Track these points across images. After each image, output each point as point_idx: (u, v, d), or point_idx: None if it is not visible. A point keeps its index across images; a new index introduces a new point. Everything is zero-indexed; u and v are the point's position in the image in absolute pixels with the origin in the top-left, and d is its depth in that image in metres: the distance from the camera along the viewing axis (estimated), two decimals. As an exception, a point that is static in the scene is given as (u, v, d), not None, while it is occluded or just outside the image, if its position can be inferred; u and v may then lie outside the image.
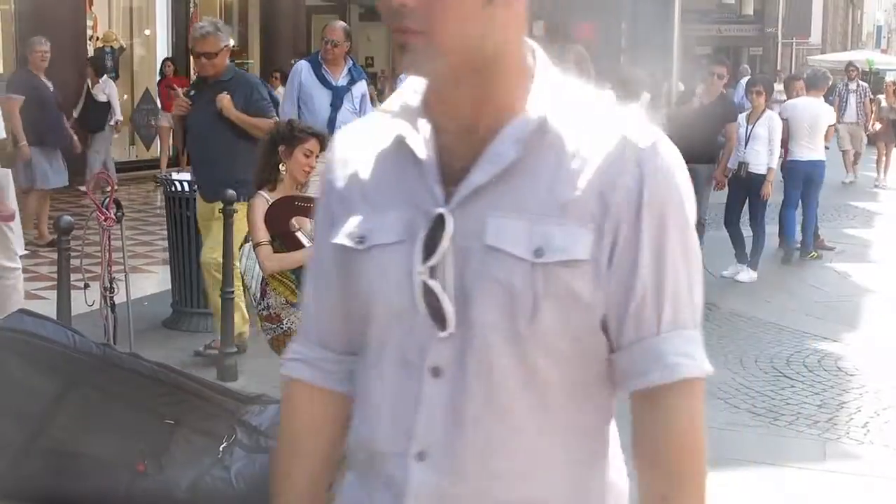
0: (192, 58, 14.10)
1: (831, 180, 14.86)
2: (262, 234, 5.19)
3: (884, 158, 19.12)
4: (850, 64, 21.13)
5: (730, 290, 9.78)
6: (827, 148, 11.81)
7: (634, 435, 1.65)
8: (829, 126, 11.40)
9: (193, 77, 13.02)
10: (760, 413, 6.28)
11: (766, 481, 5.29)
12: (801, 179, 11.05)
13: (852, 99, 19.05)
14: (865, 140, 19.45)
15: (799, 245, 11.43)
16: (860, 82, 20.01)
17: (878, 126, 19.34)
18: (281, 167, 5.31)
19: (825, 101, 12.05)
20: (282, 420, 1.92)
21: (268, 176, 5.34)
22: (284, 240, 5.22)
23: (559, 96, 1.62)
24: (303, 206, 5.24)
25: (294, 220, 5.27)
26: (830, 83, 13.79)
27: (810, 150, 11.03)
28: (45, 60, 10.70)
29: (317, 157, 5.43)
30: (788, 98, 11.87)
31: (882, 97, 20.14)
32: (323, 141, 5.46)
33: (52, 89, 10.81)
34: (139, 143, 17.17)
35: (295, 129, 5.33)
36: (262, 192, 5.31)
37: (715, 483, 5.12)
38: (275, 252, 5.20)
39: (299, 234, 5.28)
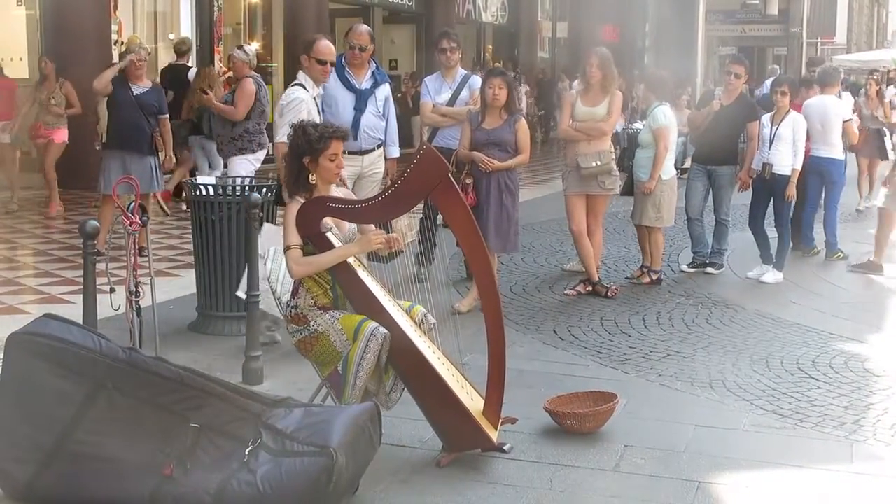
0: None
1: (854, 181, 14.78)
2: (294, 238, 5.21)
3: (866, 177, 15.69)
4: (811, 61, 17.61)
5: (755, 291, 9.75)
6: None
7: None
8: (846, 122, 11.30)
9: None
10: (787, 415, 6.25)
11: (793, 483, 5.26)
12: (816, 177, 11.08)
13: None
14: None
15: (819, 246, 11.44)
16: None
17: None
18: (311, 177, 5.32)
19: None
20: None
21: (300, 186, 5.35)
22: (315, 241, 5.24)
23: None
24: (335, 208, 5.26)
25: (326, 220, 5.29)
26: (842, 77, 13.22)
27: (824, 148, 11.08)
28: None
29: (343, 153, 5.45)
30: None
31: (862, 100, 15.87)
32: (344, 136, 5.47)
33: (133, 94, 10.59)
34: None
35: (313, 141, 5.31)
36: (297, 198, 5.32)
37: (741, 484, 5.12)
38: (305, 255, 5.23)
39: (330, 235, 5.30)
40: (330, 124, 5.58)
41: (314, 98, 7.48)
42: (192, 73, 14.11)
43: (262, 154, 10.56)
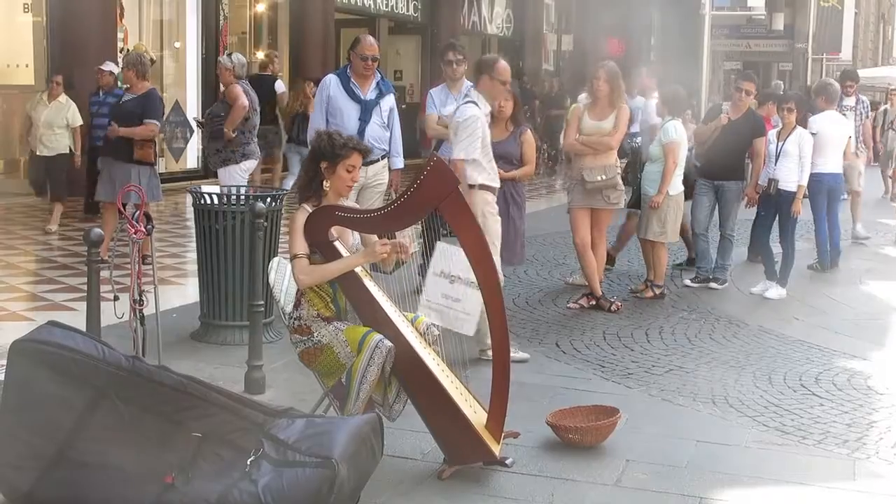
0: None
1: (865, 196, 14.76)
2: (300, 247, 5.21)
3: None
4: (846, 73, 15.61)
5: (759, 306, 9.74)
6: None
7: None
8: (849, 137, 11.78)
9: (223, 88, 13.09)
10: (789, 431, 6.24)
11: (795, 500, 5.25)
12: (825, 193, 11.35)
13: (852, 119, 13.98)
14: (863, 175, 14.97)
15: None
16: (860, 97, 14.97)
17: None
18: (325, 184, 5.33)
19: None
20: None
21: (312, 192, 5.36)
22: (322, 249, 5.24)
23: None
24: (344, 217, 5.26)
25: (333, 230, 5.29)
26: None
27: (834, 163, 11.36)
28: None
29: (358, 168, 5.46)
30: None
31: (888, 107, 15.06)
32: (365, 153, 5.48)
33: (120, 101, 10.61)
34: (168, 155, 17.25)
35: (336, 147, 5.33)
36: (304, 206, 5.32)
37: (743, 501, 5.09)
38: (311, 263, 5.22)
39: (338, 244, 5.30)
40: (354, 137, 5.61)
41: (485, 116, 7.62)
42: (278, 84, 16.16)
43: (248, 164, 10.41)
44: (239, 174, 10.25)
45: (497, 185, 7.65)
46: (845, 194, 15.13)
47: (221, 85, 10.84)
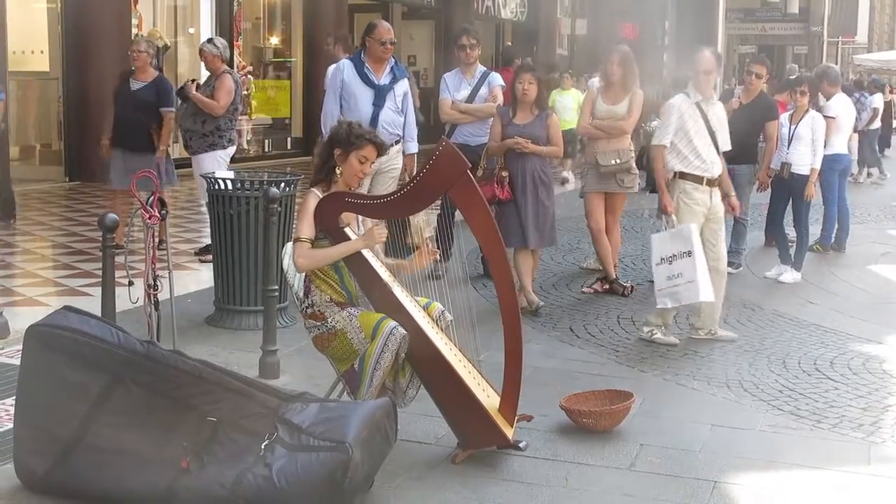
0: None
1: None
2: (305, 231, 5.22)
3: None
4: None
5: (773, 291, 9.72)
6: None
7: None
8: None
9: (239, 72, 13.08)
10: (804, 415, 6.23)
11: (810, 484, 5.24)
12: (839, 172, 11.44)
13: None
14: None
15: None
16: None
17: None
18: (336, 170, 5.33)
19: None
20: None
21: (323, 176, 5.37)
22: (332, 235, 5.25)
23: None
24: (354, 203, 5.27)
25: (343, 216, 5.29)
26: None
27: (844, 144, 11.52)
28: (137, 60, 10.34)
29: (372, 162, 5.45)
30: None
31: None
32: (380, 148, 5.47)
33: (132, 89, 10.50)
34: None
35: (352, 135, 5.33)
36: (314, 190, 5.33)
37: (757, 485, 5.09)
38: (317, 248, 5.23)
39: (347, 230, 5.30)
40: (373, 130, 5.62)
41: (698, 103, 7.70)
42: None
43: (231, 150, 10.27)
44: (223, 159, 10.11)
45: (705, 174, 7.67)
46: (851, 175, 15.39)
47: (208, 71, 10.48)
